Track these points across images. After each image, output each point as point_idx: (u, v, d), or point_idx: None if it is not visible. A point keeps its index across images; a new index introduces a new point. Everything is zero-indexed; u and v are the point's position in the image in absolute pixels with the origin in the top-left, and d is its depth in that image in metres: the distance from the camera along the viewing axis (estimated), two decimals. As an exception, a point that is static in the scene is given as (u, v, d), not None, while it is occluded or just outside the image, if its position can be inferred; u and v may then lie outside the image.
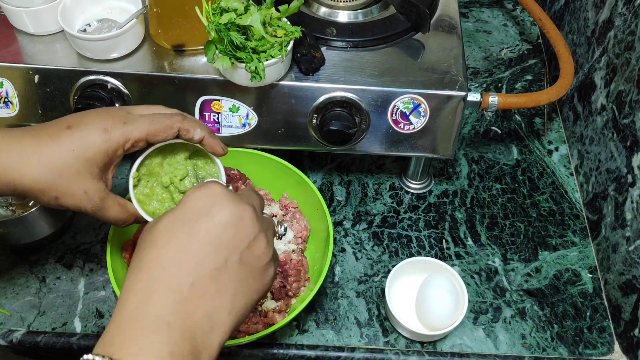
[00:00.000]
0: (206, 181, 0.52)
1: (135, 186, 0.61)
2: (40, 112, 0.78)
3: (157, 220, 0.49)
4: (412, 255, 0.84)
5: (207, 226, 0.47)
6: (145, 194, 0.62)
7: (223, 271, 0.47)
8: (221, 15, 0.68)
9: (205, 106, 0.77)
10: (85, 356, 0.41)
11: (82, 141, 0.54)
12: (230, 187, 0.60)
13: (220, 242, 0.48)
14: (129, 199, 0.61)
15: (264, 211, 0.61)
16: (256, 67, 0.68)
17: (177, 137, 0.59)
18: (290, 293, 0.73)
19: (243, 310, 0.49)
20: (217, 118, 0.77)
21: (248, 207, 0.50)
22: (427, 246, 0.85)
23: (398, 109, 0.75)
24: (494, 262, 0.84)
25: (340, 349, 0.75)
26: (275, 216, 0.78)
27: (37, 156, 0.53)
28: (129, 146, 0.57)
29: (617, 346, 0.77)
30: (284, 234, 0.56)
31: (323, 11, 0.83)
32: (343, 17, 0.82)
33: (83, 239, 0.84)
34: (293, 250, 0.75)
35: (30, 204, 0.81)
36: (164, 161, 0.63)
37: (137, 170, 0.61)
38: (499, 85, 1.05)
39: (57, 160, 0.53)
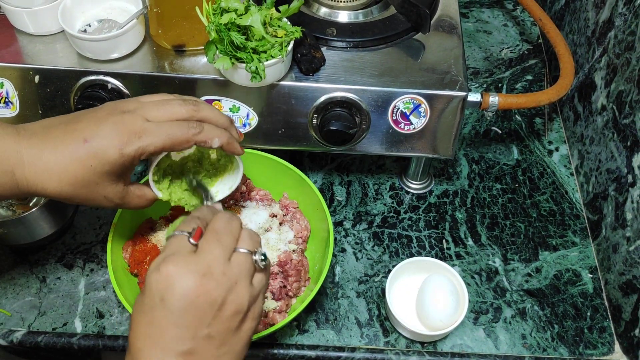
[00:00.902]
0: (164, 255, 0.50)
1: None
2: (40, 112, 0.78)
3: (135, 301, 0.50)
4: (412, 255, 0.84)
5: (164, 313, 0.47)
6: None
7: (193, 350, 0.47)
8: (221, 15, 0.68)
9: (205, 106, 0.77)
10: None
11: (100, 158, 0.55)
12: (220, 207, 0.59)
13: (182, 325, 0.47)
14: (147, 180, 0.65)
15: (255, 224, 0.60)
16: (256, 68, 0.68)
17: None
18: (290, 293, 0.73)
19: None
20: (218, 118, 0.77)
21: (202, 277, 0.48)
22: (427, 246, 0.85)
23: (398, 109, 0.75)
24: (494, 262, 0.84)
25: (341, 349, 0.75)
26: (276, 216, 0.78)
27: (59, 172, 0.55)
28: (145, 157, 0.58)
29: (617, 346, 0.77)
30: (264, 263, 0.53)
31: (323, 11, 0.83)
32: (343, 17, 0.82)
33: (83, 239, 0.84)
34: (293, 251, 0.75)
35: (30, 204, 0.81)
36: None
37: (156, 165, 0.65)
38: (499, 85, 1.05)
39: (78, 176, 0.55)
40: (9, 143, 0.54)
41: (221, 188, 0.69)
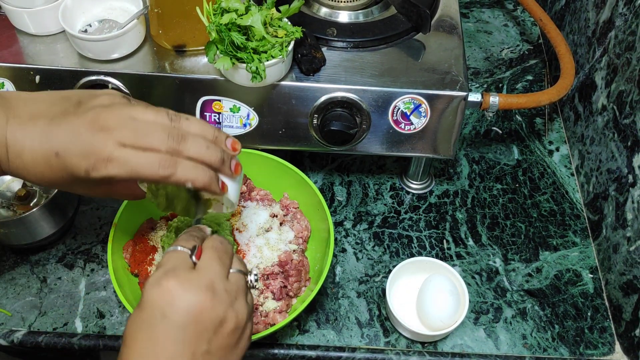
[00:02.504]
0: (164, 270, 0.49)
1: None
2: (41, 112, 0.78)
3: (130, 316, 0.49)
4: (412, 255, 0.84)
5: (165, 329, 0.47)
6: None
7: None
8: (222, 15, 0.68)
9: (206, 106, 0.77)
10: None
11: (69, 173, 0.52)
12: (208, 231, 0.58)
13: (183, 341, 0.47)
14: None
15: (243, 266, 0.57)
16: (257, 68, 0.68)
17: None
18: (291, 293, 0.73)
19: None
20: (218, 118, 0.77)
21: (206, 293, 0.48)
22: (427, 246, 0.85)
23: (399, 109, 0.75)
24: (494, 262, 0.84)
25: (341, 349, 0.75)
26: (276, 216, 0.78)
27: (36, 173, 0.53)
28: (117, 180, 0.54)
29: (618, 346, 0.77)
30: (256, 283, 0.55)
31: (324, 11, 0.83)
32: (344, 17, 0.82)
33: (84, 240, 0.84)
34: (294, 251, 0.75)
35: (31, 204, 0.81)
36: None
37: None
38: (500, 85, 1.05)
39: (53, 180, 0.54)
40: None
41: (218, 202, 0.65)
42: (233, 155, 0.58)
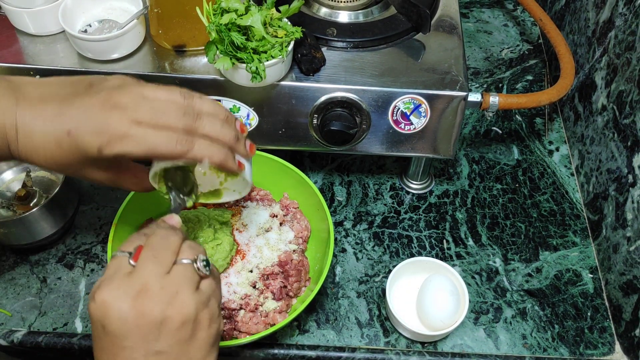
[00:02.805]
0: (100, 280, 0.49)
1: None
2: (41, 112, 0.78)
3: None
4: (412, 255, 0.84)
5: (110, 340, 0.47)
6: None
7: None
8: (222, 15, 0.68)
9: (206, 106, 0.77)
10: None
11: (80, 151, 0.52)
12: (176, 221, 0.56)
13: (130, 348, 0.47)
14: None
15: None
16: (257, 68, 0.68)
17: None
18: (291, 293, 0.73)
19: None
20: (218, 118, 0.77)
21: (137, 297, 0.47)
22: (427, 246, 0.85)
23: (399, 109, 0.75)
24: (494, 262, 0.84)
25: (341, 349, 0.75)
26: (276, 216, 0.78)
27: (45, 154, 0.53)
28: (131, 158, 0.53)
29: (618, 346, 0.77)
30: (208, 268, 0.52)
31: (324, 12, 0.83)
32: (344, 17, 0.82)
33: (84, 240, 0.84)
34: (294, 251, 0.75)
35: (31, 204, 0.81)
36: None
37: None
38: (500, 85, 1.05)
39: (64, 161, 0.53)
40: (7, 106, 0.52)
41: (229, 190, 0.66)
42: (244, 136, 0.58)
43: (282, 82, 0.74)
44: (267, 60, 0.69)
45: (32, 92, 0.53)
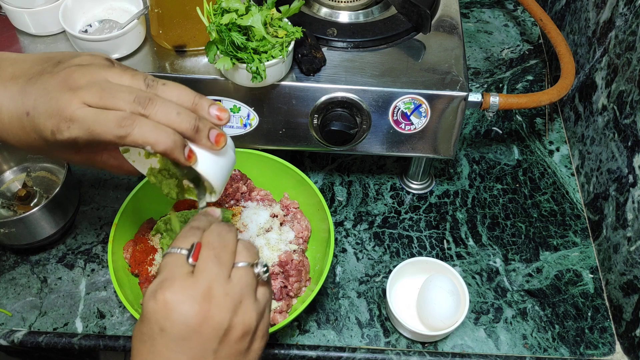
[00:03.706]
0: (160, 279, 0.47)
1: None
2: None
3: (134, 327, 0.47)
4: (413, 255, 0.84)
5: (165, 343, 0.45)
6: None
7: None
8: (222, 15, 0.68)
9: (206, 107, 0.77)
10: None
11: (39, 134, 0.49)
12: (218, 213, 0.53)
13: (186, 353, 0.45)
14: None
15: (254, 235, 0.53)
16: (257, 68, 0.68)
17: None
18: (291, 293, 0.73)
19: None
20: (218, 118, 0.77)
21: (203, 302, 0.45)
22: (428, 246, 0.85)
23: (399, 109, 0.75)
24: (495, 262, 0.84)
25: (342, 349, 0.75)
26: (277, 216, 0.78)
27: (14, 136, 0.51)
28: (87, 144, 0.50)
29: (618, 346, 0.77)
30: (267, 275, 0.49)
31: (324, 12, 0.83)
32: (344, 17, 0.82)
33: (84, 240, 0.84)
34: (294, 251, 0.75)
35: (31, 205, 0.81)
36: None
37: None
38: (500, 85, 1.05)
39: (30, 143, 0.51)
40: None
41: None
42: (217, 124, 0.52)
43: (283, 82, 0.74)
44: (268, 61, 0.69)
45: (7, 69, 0.51)
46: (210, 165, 0.52)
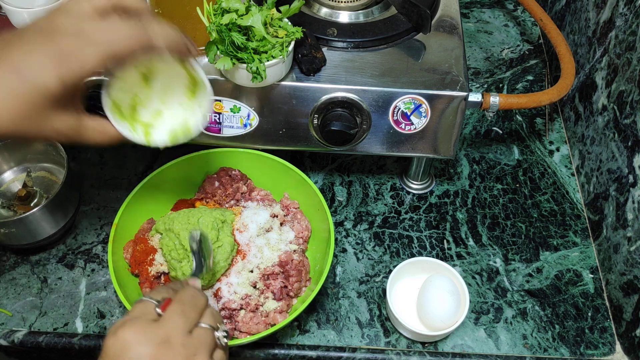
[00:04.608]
0: (124, 319, 0.49)
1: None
2: (41, 112, 0.78)
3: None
4: (413, 255, 0.84)
5: None
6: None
7: None
8: (222, 15, 0.68)
9: (206, 107, 0.77)
10: None
11: (36, 88, 0.48)
12: (198, 284, 0.58)
13: None
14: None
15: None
16: (257, 68, 0.68)
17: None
18: (291, 293, 0.73)
19: None
20: (219, 118, 0.77)
21: (159, 346, 0.47)
22: (428, 246, 0.85)
23: (399, 109, 0.75)
24: (495, 262, 0.84)
25: (342, 349, 0.75)
26: (277, 216, 0.78)
27: (3, 109, 0.49)
28: (90, 76, 0.50)
29: (618, 346, 0.77)
30: (226, 340, 0.53)
31: (324, 12, 0.83)
32: (344, 17, 0.82)
33: (84, 240, 0.84)
34: (294, 251, 0.75)
35: (31, 205, 0.81)
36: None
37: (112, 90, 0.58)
38: (500, 85, 1.05)
39: (20, 111, 0.49)
40: None
41: (194, 115, 0.62)
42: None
43: (283, 82, 0.74)
44: (268, 61, 0.69)
45: None
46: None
